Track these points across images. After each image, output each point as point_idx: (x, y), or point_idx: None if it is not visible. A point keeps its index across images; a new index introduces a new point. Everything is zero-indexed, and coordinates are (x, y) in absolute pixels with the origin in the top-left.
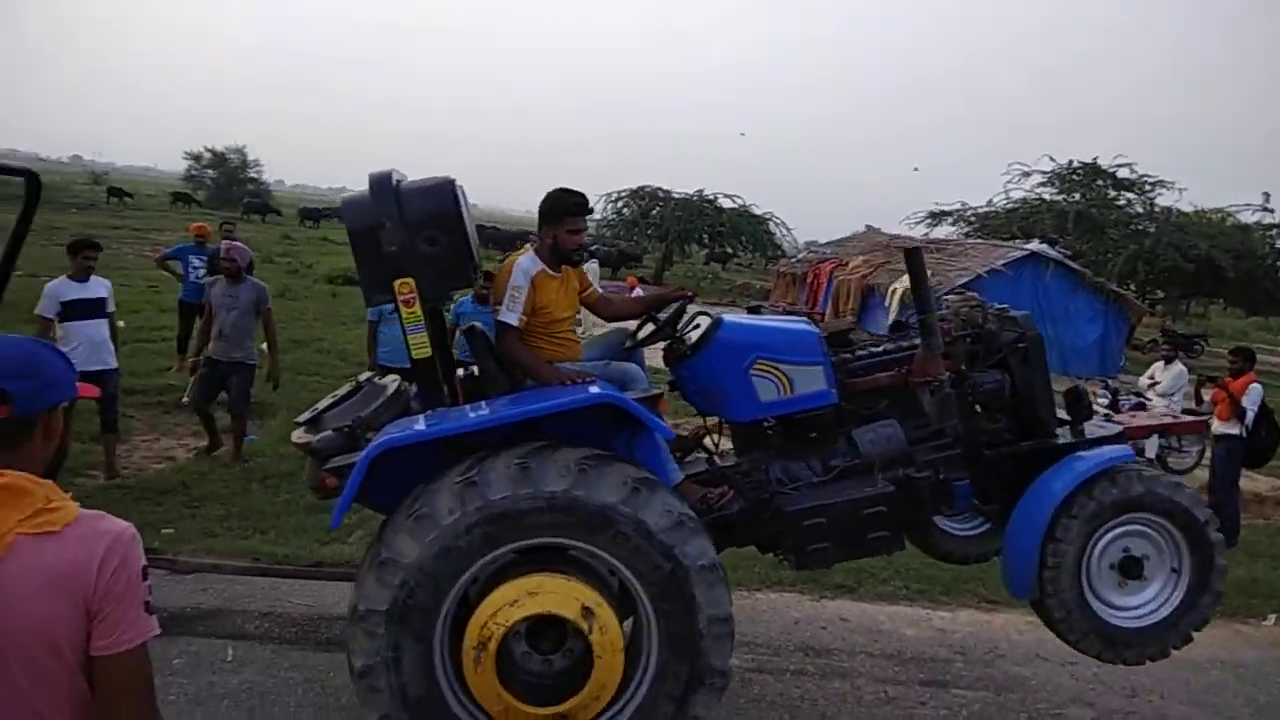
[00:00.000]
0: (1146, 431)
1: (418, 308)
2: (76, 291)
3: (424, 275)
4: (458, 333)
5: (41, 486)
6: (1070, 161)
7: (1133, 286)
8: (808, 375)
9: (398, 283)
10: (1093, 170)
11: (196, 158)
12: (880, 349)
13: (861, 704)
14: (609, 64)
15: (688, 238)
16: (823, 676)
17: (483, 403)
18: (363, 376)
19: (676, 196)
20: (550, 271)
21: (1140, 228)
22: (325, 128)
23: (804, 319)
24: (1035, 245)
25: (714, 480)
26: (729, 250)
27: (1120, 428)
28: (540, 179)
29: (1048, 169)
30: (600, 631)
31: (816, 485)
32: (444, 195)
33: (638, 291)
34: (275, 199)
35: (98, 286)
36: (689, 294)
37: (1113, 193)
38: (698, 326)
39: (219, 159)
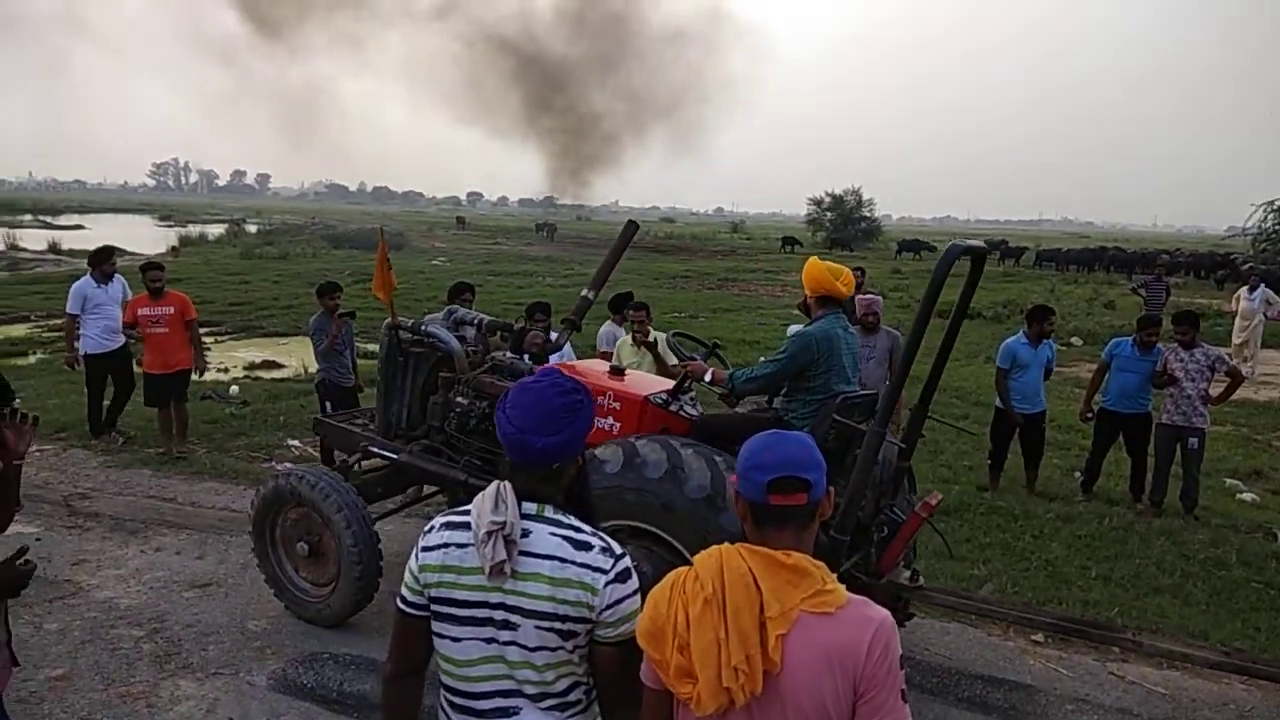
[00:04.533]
0: None
1: None
2: None
3: None
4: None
5: (819, 569)
6: None
7: None
8: None
9: None
10: None
11: (818, 202)
12: None
13: None
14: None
15: None
16: None
17: None
18: None
19: None
20: None
21: None
22: (923, 161)
23: None
24: None
25: None
26: None
27: None
28: (1156, 187)
29: None
30: None
31: None
32: None
33: None
34: (884, 234)
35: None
36: None
37: None
38: None
39: (837, 201)
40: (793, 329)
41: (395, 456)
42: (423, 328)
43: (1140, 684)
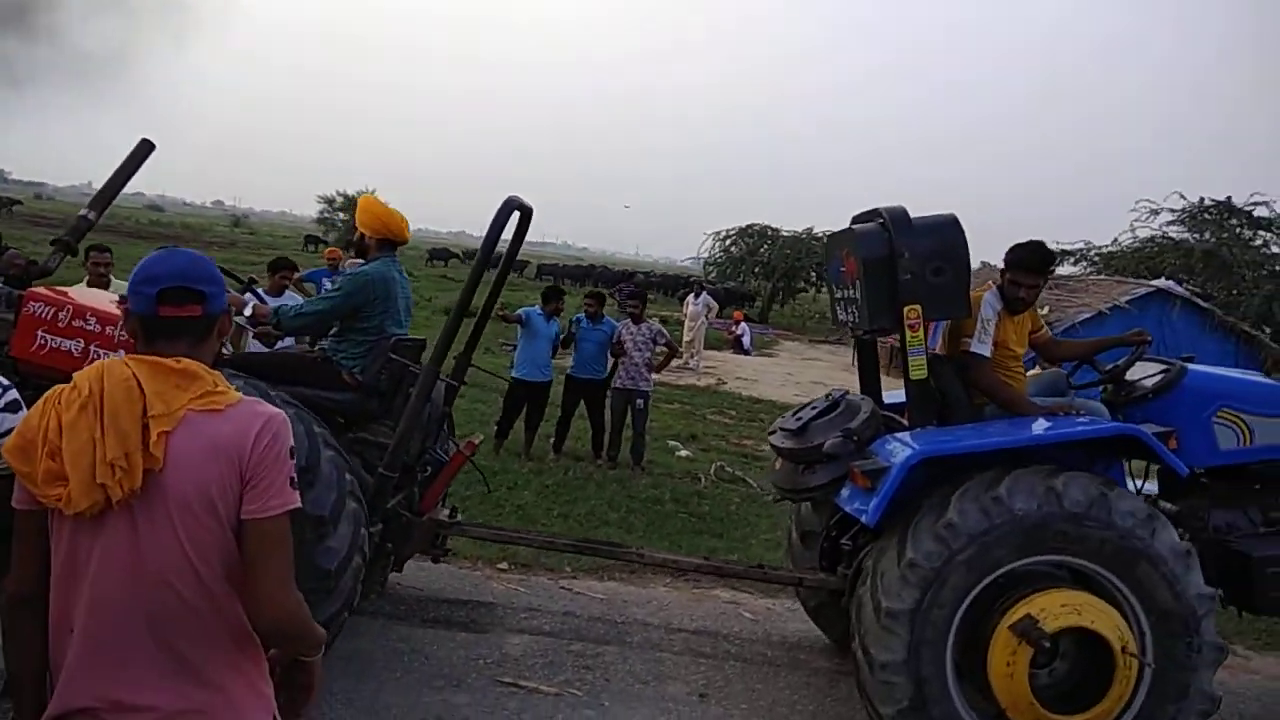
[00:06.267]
0: None
1: (921, 332)
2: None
3: (928, 303)
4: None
5: (211, 374)
6: (1201, 199)
7: (1268, 331)
8: (1271, 427)
9: (907, 309)
10: (1225, 209)
11: (329, 201)
12: None
13: None
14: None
15: (795, 275)
16: None
17: (973, 426)
18: (837, 393)
19: (785, 235)
20: (1010, 313)
21: (1279, 269)
22: (439, 171)
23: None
24: (1162, 282)
25: None
26: None
27: None
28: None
29: (1178, 207)
30: (1127, 667)
31: (1263, 535)
32: (954, 231)
33: (743, 326)
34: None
35: (290, 299)
36: (1147, 340)
37: (1248, 232)
38: (1152, 375)
39: (350, 201)
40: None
41: None
42: None
43: (585, 594)
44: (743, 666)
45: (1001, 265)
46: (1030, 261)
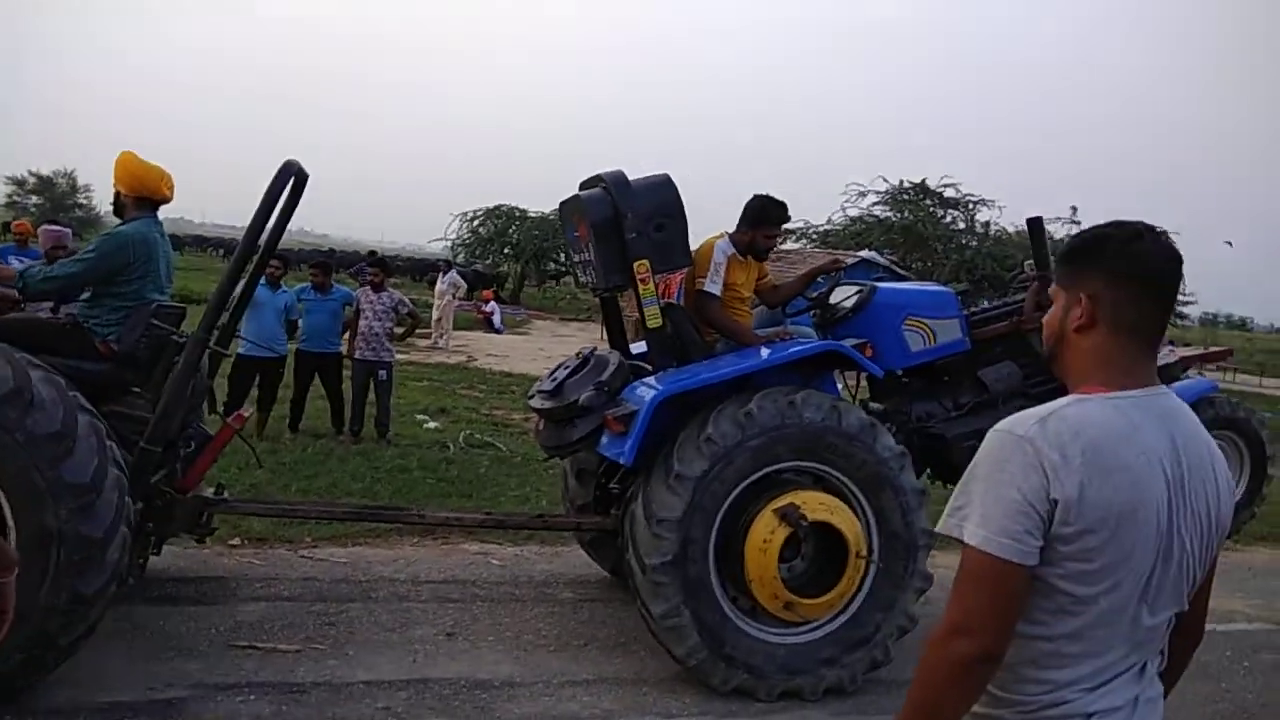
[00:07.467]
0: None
1: (651, 284)
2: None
3: (655, 257)
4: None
5: None
6: (901, 181)
7: None
8: (947, 327)
9: (636, 264)
10: (921, 190)
11: (20, 183)
12: (995, 304)
13: None
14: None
15: (544, 257)
16: None
17: (706, 362)
18: (586, 350)
19: (533, 215)
20: (740, 258)
21: (964, 241)
22: (150, 150)
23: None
24: (866, 253)
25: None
26: None
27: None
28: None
29: (881, 189)
30: (855, 570)
31: (955, 418)
32: (669, 189)
33: (493, 305)
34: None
35: None
36: (843, 265)
37: (940, 211)
38: (850, 297)
39: (45, 183)
40: None
41: None
42: None
43: (328, 560)
44: (490, 606)
45: (741, 223)
46: (773, 215)
